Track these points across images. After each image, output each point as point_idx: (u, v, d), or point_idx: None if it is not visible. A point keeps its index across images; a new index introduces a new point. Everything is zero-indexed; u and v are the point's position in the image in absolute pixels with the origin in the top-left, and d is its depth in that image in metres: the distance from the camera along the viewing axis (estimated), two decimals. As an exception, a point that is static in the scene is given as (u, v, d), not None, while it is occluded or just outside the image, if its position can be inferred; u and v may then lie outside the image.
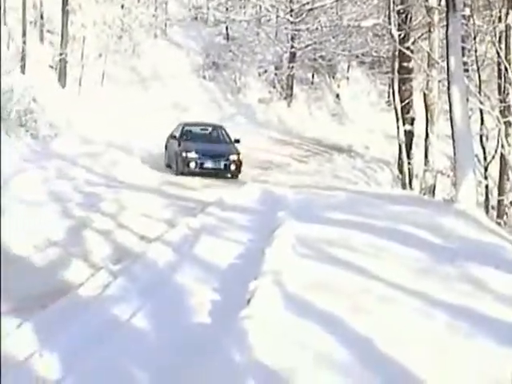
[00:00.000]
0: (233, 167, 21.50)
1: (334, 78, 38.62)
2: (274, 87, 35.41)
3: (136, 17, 31.48)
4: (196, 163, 21.28)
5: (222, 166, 21.53)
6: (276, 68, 35.98)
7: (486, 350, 5.61)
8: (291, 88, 35.28)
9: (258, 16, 36.30)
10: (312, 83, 37.64)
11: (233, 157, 21.62)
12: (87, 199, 15.84)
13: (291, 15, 33.51)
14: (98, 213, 14.06)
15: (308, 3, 33.07)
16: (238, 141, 22.57)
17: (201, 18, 36.66)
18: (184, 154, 21.38)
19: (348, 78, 39.04)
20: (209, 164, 21.51)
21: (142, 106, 26.58)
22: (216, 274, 8.70)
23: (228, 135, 23.17)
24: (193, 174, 20.97)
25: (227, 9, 36.03)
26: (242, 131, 28.17)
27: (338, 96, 37.97)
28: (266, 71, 35.79)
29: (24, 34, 25.12)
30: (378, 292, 7.15)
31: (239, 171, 21.66)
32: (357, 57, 35.34)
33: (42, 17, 27.26)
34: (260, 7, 35.68)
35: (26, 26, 25.46)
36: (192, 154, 21.38)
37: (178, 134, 22.68)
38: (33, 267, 10.19)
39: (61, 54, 26.00)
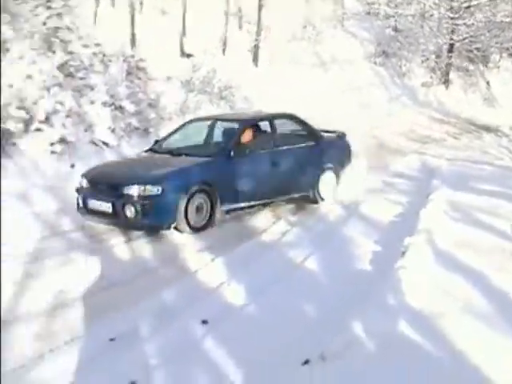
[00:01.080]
0: (129, 211, 8.37)
1: (486, 66, 37.02)
2: (434, 73, 34.27)
3: (318, 11, 31.45)
4: (80, 200, 9.09)
5: (110, 209, 8.55)
6: (436, 57, 34.79)
7: None
8: (448, 74, 34.12)
9: (422, 11, 35.20)
10: (467, 71, 36.19)
11: (136, 190, 8.38)
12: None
13: (451, 12, 32.26)
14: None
15: (466, 1, 31.80)
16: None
17: (373, 12, 35.94)
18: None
19: (499, 67, 37.33)
20: (94, 203, 8.79)
21: (321, 86, 26.45)
22: (377, 230, 8.55)
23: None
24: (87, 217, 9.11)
25: (396, 5, 35.24)
26: (407, 110, 27.93)
27: (488, 83, 36.40)
28: (427, 59, 34.69)
29: (226, 24, 25.73)
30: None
31: (154, 220, 8.45)
32: (507, 49, 33.67)
33: (240, 10, 27.80)
34: (424, 4, 34.54)
35: (228, 17, 26.05)
36: (82, 182, 9.25)
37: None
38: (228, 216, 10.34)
39: (256, 40, 26.38)
